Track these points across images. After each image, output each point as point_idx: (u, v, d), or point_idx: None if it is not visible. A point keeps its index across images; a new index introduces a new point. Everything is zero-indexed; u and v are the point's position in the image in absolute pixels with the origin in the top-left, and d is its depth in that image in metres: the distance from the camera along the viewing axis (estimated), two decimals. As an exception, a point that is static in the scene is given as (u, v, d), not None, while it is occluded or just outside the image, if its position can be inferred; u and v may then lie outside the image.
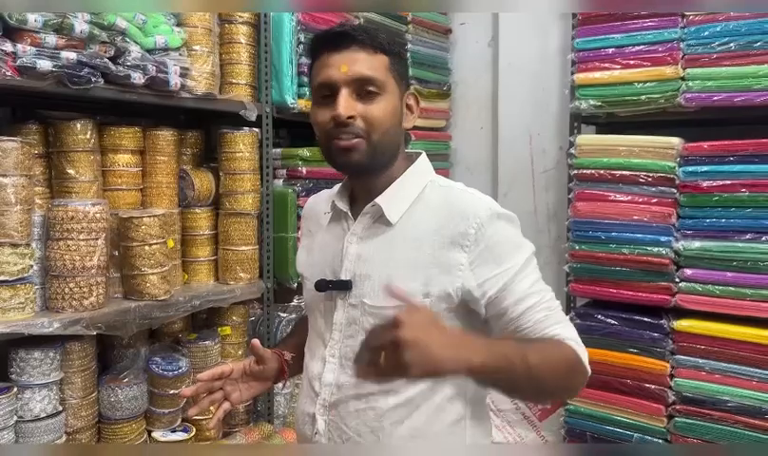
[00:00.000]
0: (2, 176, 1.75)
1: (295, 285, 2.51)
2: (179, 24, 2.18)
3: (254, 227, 2.43)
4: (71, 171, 2.00)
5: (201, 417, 2.11)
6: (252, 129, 2.41)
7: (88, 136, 2.02)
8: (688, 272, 2.31)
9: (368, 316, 1.17)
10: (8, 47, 1.68)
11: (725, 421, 2.24)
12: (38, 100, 2.07)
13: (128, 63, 1.95)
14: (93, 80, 1.85)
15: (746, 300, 2.22)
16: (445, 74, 3.34)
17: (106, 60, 1.88)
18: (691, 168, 2.28)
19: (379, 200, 1.19)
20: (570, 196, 2.53)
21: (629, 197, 2.39)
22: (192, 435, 2.18)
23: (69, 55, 1.79)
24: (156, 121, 2.31)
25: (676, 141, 2.32)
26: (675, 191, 2.31)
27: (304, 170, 2.52)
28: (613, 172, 2.41)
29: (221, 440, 2.30)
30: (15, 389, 1.80)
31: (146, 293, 2.05)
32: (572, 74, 2.56)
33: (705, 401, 2.27)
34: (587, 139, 2.52)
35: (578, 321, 2.49)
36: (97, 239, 1.92)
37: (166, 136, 2.25)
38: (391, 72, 1.17)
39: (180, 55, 2.14)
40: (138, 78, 1.97)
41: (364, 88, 1.14)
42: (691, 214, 2.31)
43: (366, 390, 1.16)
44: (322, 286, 1.21)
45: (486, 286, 1.13)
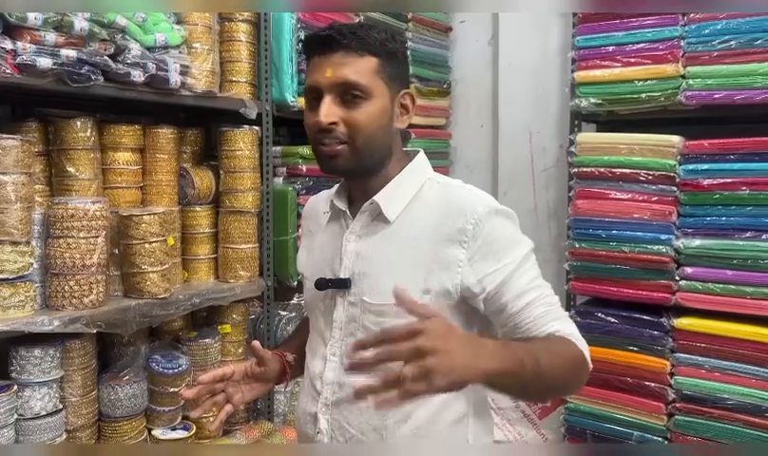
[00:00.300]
0: (2, 174, 1.75)
1: (295, 283, 2.51)
2: (179, 21, 2.18)
3: (254, 225, 2.43)
4: (71, 169, 1.99)
5: (206, 414, 2.11)
6: (252, 127, 2.40)
7: (88, 134, 2.02)
8: (688, 270, 2.31)
9: (367, 314, 1.17)
10: (7, 45, 1.68)
11: (725, 419, 2.25)
12: (38, 98, 2.07)
13: (128, 60, 1.94)
14: (93, 78, 1.84)
15: (746, 298, 2.22)
16: (445, 72, 3.34)
17: (106, 58, 1.88)
18: (691, 166, 2.28)
19: (377, 198, 1.19)
20: (571, 194, 2.53)
21: (630, 195, 2.39)
22: (192, 433, 2.19)
23: (69, 53, 1.78)
24: (156, 119, 2.31)
25: (676, 139, 2.32)
26: (675, 189, 2.31)
27: (304, 168, 2.52)
28: (613, 170, 2.41)
29: (222, 438, 2.30)
30: (15, 388, 1.80)
31: (146, 291, 2.05)
32: (572, 72, 2.56)
33: (705, 399, 2.28)
34: (588, 137, 2.52)
35: (578, 319, 2.49)
36: (97, 237, 1.92)
37: (166, 134, 2.25)
38: (379, 75, 1.15)
39: (180, 53, 2.13)
40: (138, 76, 1.96)
41: (348, 93, 1.13)
42: (691, 212, 2.31)
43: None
44: (322, 284, 1.22)
45: (485, 282, 1.13)
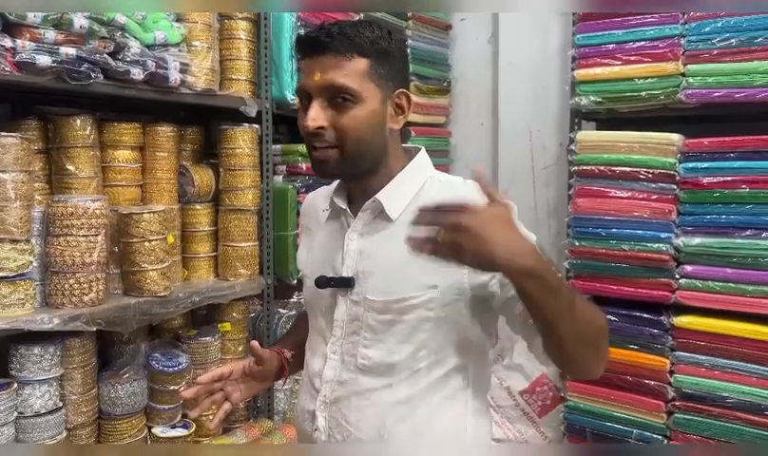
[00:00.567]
0: (1, 172, 1.74)
1: (295, 281, 2.51)
2: (178, 19, 2.18)
3: (254, 223, 2.43)
4: (71, 167, 1.99)
5: (205, 412, 2.11)
6: (252, 125, 2.40)
7: (88, 132, 2.02)
8: (688, 268, 2.30)
9: (371, 312, 1.16)
10: (7, 43, 1.67)
11: (725, 417, 2.24)
12: (37, 96, 2.07)
13: (128, 58, 1.94)
14: (92, 75, 1.84)
15: (746, 297, 2.22)
16: (445, 70, 3.33)
17: (106, 55, 1.88)
18: (691, 164, 2.28)
19: (380, 196, 1.18)
20: (570, 192, 2.53)
21: (629, 193, 2.38)
22: (192, 431, 2.19)
23: (69, 51, 1.78)
24: (156, 117, 2.31)
25: (676, 137, 2.32)
26: (675, 187, 2.31)
27: (304, 166, 2.52)
28: (613, 168, 2.40)
29: (222, 436, 2.30)
30: (15, 385, 1.80)
31: (146, 289, 2.05)
32: (572, 70, 2.55)
33: (705, 397, 2.27)
34: (588, 135, 2.52)
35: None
36: (97, 235, 1.91)
37: (166, 132, 2.25)
38: (370, 77, 1.13)
39: (179, 51, 2.13)
40: (137, 74, 1.96)
41: (337, 97, 1.12)
42: (691, 210, 2.30)
43: (367, 387, 1.16)
44: (323, 283, 1.21)
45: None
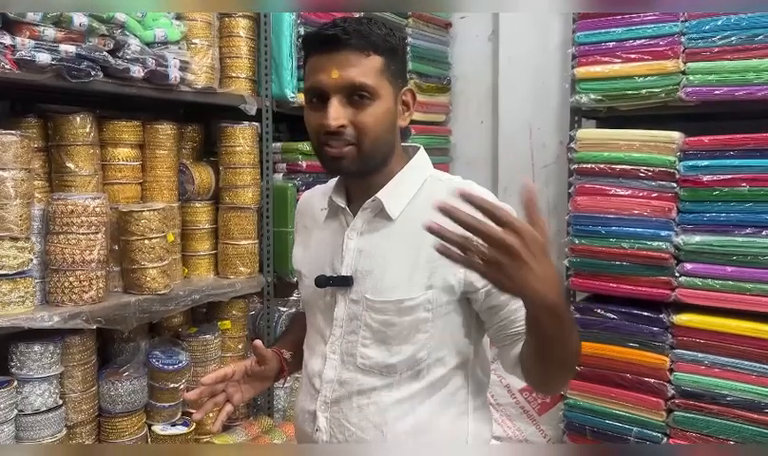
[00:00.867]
0: (1, 169, 1.74)
1: (295, 279, 2.50)
2: (178, 17, 2.18)
3: (254, 221, 2.43)
4: (71, 165, 1.99)
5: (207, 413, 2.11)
6: (252, 123, 2.40)
7: (88, 129, 2.01)
8: (688, 266, 2.30)
9: (370, 311, 1.16)
10: (6, 40, 1.67)
11: (724, 415, 2.24)
12: (37, 93, 2.07)
13: (128, 56, 1.94)
14: (92, 73, 1.84)
15: (746, 295, 2.22)
16: (445, 68, 3.33)
17: (106, 53, 1.88)
18: (691, 162, 2.28)
19: (380, 196, 1.18)
20: (570, 190, 2.53)
21: (629, 191, 2.38)
22: (192, 429, 2.19)
23: (68, 48, 1.78)
24: (155, 114, 2.31)
25: (676, 135, 2.32)
26: (675, 185, 2.31)
27: (304, 164, 2.52)
28: (613, 166, 2.40)
29: (222, 434, 2.30)
30: (15, 383, 1.80)
31: (146, 287, 2.05)
32: (573, 68, 2.55)
33: (704, 395, 2.28)
34: (588, 133, 2.52)
35: (578, 316, 2.49)
36: (97, 233, 1.91)
37: (166, 130, 2.25)
38: (384, 74, 1.13)
39: (179, 49, 2.13)
40: (137, 71, 1.96)
41: (355, 94, 1.11)
42: (691, 208, 2.30)
43: (368, 386, 1.16)
44: (322, 282, 1.21)
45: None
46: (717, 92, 2.26)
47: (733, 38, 2.23)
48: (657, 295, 2.36)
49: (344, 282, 1.19)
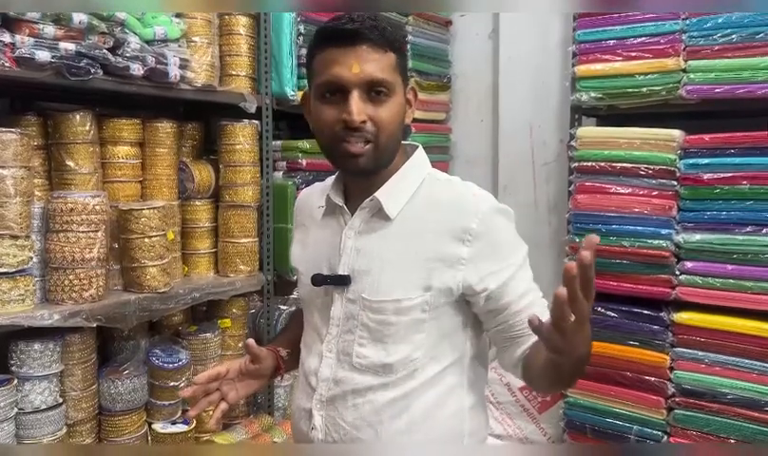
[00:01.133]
0: (1, 167, 1.74)
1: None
2: (178, 15, 2.17)
3: (254, 219, 2.43)
4: (71, 163, 1.99)
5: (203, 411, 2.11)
6: (252, 121, 2.40)
7: (88, 128, 2.01)
8: (688, 264, 2.30)
9: (366, 311, 1.16)
10: (6, 38, 1.67)
11: (725, 413, 2.24)
12: (37, 91, 2.07)
13: (127, 54, 1.94)
14: (92, 71, 1.84)
15: (747, 293, 2.21)
16: (445, 66, 3.33)
17: (105, 51, 1.88)
18: (692, 161, 2.28)
19: (378, 195, 1.17)
20: (571, 188, 2.52)
21: (630, 189, 2.38)
22: (192, 427, 2.19)
23: (68, 46, 1.78)
24: (155, 112, 2.31)
25: (677, 133, 2.31)
26: (676, 183, 2.30)
27: (304, 162, 2.51)
28: (614, 164, 2.40)
29: (222, 432, 2.30)
30: (15, 382, 1.80)
31: (146, 285, 2.05)
32: (573, 66, 2.55)
33: (705, 393, 2.27)
34: (588, 131, 2.51)
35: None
36: (97, 231, 1.91)
37: (166, 128, 2.25)
38: (397, 70, 1.14)
39: (179, 46, 2.13)
40: (137, 69, 1.96)
41: (373, 90, 1.11)
42: (692, 206, 2.30)
43: (364, 385, 1.16)
44: (319, 281, 1.20)
45: (487, 280, 1.13)
46: (717, 90, 2.26)
47: (734, 36, 2.23)
48: (657, 294, 2.36)
49: (341, 281, 1.18)
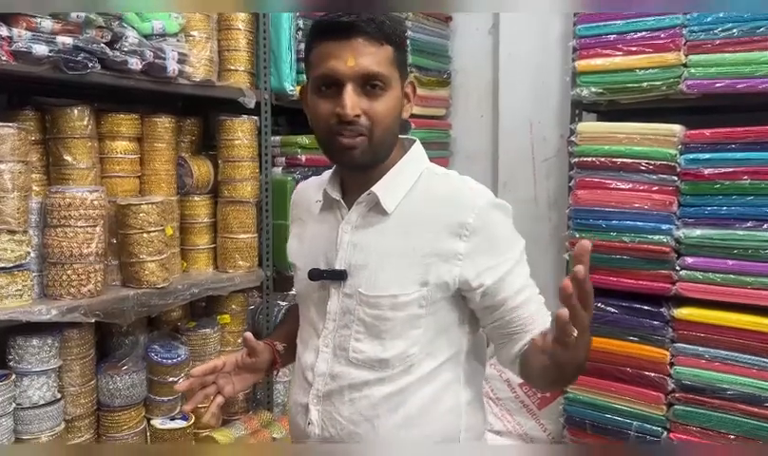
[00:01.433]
0: (-1, 162, 1.74)
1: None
2: (176, 9, 2.17)
3: (253, 215, 2.42)
4: (69, 158, 1.98)
5: (199, 405, 2.11)
6: (251, 117, 2.39)
7: (86, 122, 2.00)
8: (689, 260, 2.30)
9: (363, 306, 1.15)
10: (3, 32, 1.66)
11: (725, 409, 2.24)
12: (35, 86, 2.06)
13: (125, 48, 1.93)
14: (90, 65, 1.83)
15: (747, 288, 2.21)
16: (445, 62, 3.32)
17: (103, 45, 1.87)
18: (692, 156, 2.27)
19: (376, 189, 1.16)
20: (571, 184, 2.52)
21: (630, 184, 2.37)
22: (191, 423, 2.18)
23: (66, 40, 1.77)
24: (154, 107, 2.30)
25: (677, 128, 2.30)
26: (676, 179, 2.30)
27: (303, 158, 2.51)
28: (614, 160, 2.39)
29: (221, 428, 2.30)
30: (13, 377, 1.79)
31: (145, 280, 2.05)
32: (573, 61, 2.54)
33: (705, 389, 2.27)
34: (588, 126, 2.51)
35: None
36: (95, 227, 1.91)
37: (164, 123, 2.24)
38: (394, 64, 1.12)
39: (177, 41, 2.12)
40: (135, 64, 1.95)
41: (368, 84, 1.09)
42: (692, 202, 2.29)
43: (360, 380, 1.16)
44: (315, 275, 1.19)
45: (484, 276, 1.12)
46: (718, 85, 2.25)
47: (734, 30, 2.22)
48: (657, 289, 2.35)
49: (338, 276, 1.17)
